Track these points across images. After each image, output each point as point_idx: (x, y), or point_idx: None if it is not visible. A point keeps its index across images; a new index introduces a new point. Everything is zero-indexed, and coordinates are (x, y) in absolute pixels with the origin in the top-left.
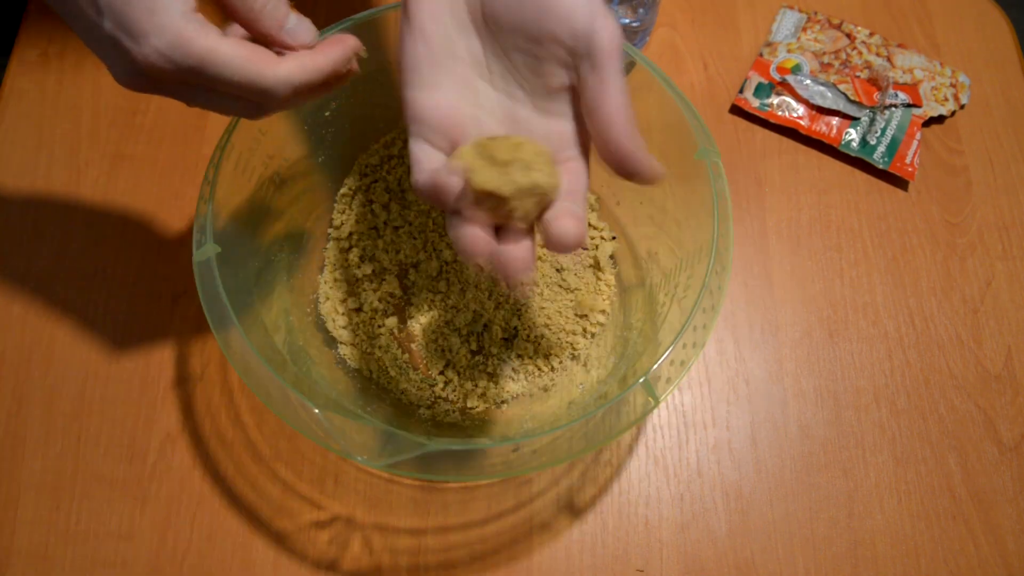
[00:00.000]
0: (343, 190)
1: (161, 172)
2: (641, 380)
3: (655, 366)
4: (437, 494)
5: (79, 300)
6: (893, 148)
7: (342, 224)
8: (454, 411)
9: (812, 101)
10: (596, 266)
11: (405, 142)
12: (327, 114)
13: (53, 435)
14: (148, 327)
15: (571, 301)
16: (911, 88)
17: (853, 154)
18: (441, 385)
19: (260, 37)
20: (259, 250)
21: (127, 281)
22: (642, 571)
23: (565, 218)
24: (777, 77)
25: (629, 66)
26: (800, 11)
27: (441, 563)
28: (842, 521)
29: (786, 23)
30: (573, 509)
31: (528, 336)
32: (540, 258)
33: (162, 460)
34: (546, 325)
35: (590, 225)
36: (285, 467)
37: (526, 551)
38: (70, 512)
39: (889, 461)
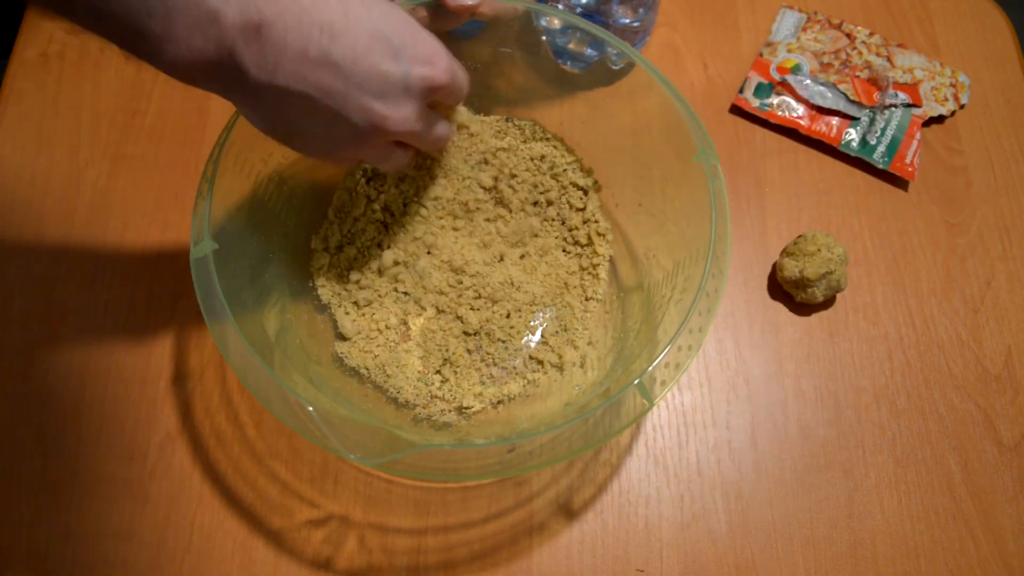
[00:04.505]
0: (343, 188)
1: (161, 172)
2: (635, 382)
3: (649, 368)
4: (437, 494)
5: (79, 300)
6: (893, 148)
7: (342, 222)
8: (450, 411)
9: (812, 101)
10: (592, 269)
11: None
12: None
13: (53, 435)
14: (148, 327)
15: (570, 301)
16: (911, 88)
17: (853, 154)
18: (438, 384)
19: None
20: (258, 247)
21: (127, 281)
22: (642, 571)
23: None
24: (777, 77)
25: (629, 67)
26: (800, 11)
27: (441, 563)
28: (842, 521)
29: (786, 23)
30: (573, 509)
31: (526, 336)
32: (539, 258)
33: (162, 460)
34: (544, 325)
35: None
36: (284, 466)
37: (526, 551)
38: (70, 512)
39: (889, 461)
